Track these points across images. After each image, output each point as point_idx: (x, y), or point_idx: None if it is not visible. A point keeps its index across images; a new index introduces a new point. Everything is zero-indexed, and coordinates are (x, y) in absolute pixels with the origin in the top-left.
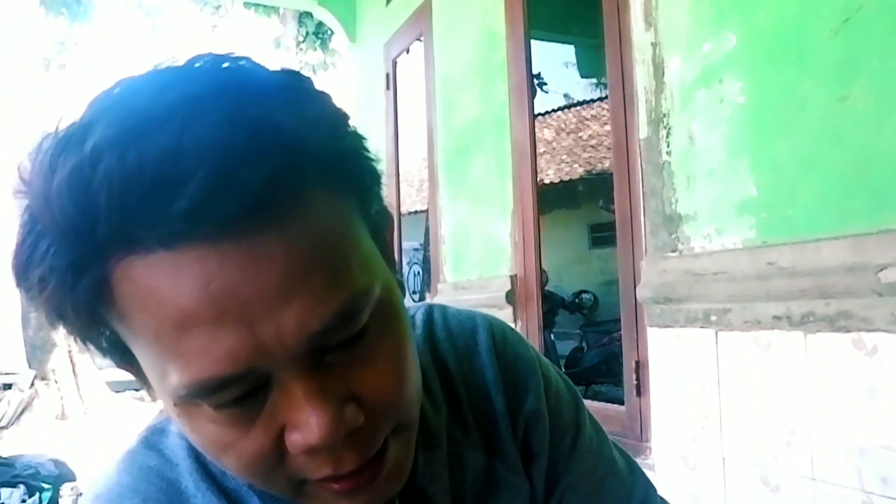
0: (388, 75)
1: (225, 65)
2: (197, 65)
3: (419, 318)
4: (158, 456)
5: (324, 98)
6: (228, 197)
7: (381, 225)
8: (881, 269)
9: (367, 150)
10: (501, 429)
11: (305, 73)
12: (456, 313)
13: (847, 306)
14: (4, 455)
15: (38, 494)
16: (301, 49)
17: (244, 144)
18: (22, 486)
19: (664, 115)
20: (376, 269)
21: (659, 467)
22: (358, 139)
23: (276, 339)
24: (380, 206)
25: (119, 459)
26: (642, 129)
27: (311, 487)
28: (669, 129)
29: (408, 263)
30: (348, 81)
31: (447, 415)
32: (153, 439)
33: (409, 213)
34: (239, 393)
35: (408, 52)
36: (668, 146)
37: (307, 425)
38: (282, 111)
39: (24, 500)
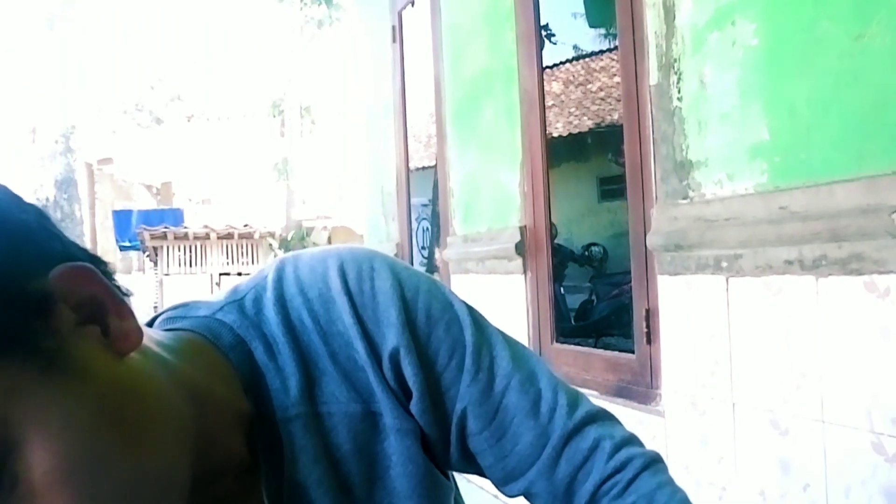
0: (394, 28)
1: None
2: None
3: (270, 278)
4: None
5: None
6: None
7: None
8: (895, 211)
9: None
10: (369, 375)
11: (309, 28)
12: (308, 260)
13: (860, 249)
14: None
15: None
16: (305, 3)
17: None
18: None
19: (675, 60)
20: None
21: (669, 414)
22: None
23: None
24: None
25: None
26: (653, 75)
27: None
28: (680, 74)
29: (416, 219)
30: (353, 36)
31: (302, 380)
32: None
33: (417, 169)
34: None
35: (413, 3)
36: (678, 92)
37: None
38: None
39: None
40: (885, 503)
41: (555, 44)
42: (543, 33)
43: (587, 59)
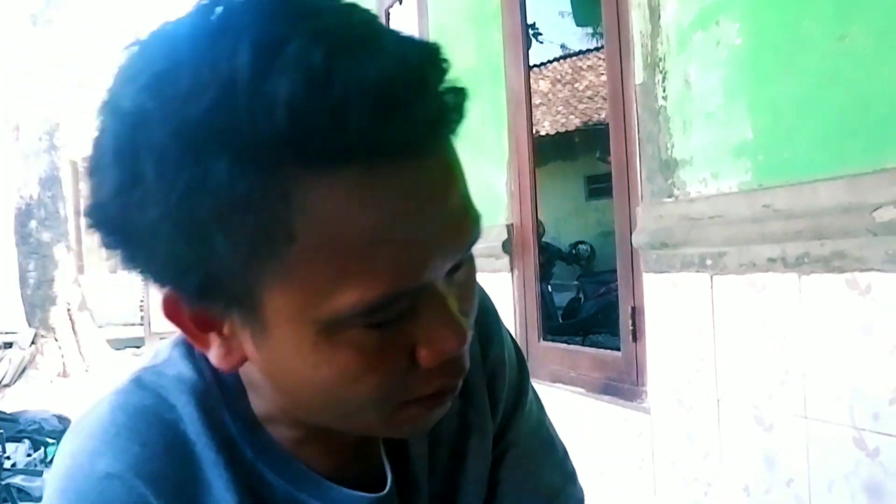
0: None
1: None
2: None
3: None
4: (154, 396)
5: None
6: (425, 119)
7: None
8: (876, 209)
9: None
10: (475, 375)
11: None
12: None
13: (842, 247)
14: (9, 411)
15: (42, 449)
16: None
17: (438, 70)
18: (27, 441)
19: (660, 60)
20: None
21: (655, 410)
22: None
23: (441, 257)
24: None
25: (109, 398)
26: (638, 75)
27: (405, 410)
28: (665, 73)
29: None
30: None
31: None
32: (148, 379)
33: None
34: (396, 312)
35: (401, 1)
36: (664, 91)
37: (446, 337)
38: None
39: (29, 455)
40: (867, 498)
41: (542, 42)
42: (531, 32)
43: (574, 58)
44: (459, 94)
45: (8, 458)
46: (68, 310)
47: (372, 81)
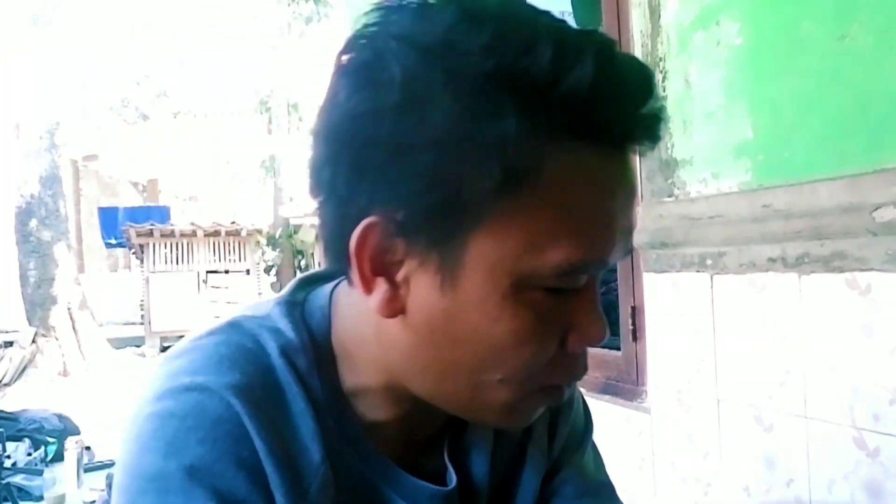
0: None
1: None
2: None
3: None
4: (252, 340)
5: None
6: (654, 120)
7: None
8: (876, 209)
9: None
10: (542, 415)
11: (297, 25)
12: None
13: (841, 246)
14: (9, 410)
15: (42, 448)
16: (293, 0)
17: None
18: (27, 440)
19: (660, 60)
20: None
21: (655, 410)
22: None
23: (618, 246)
24: None
25: (207, 334)
26: None
27: (532, 396)
28: (666, 73)
29: None
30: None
31: None
32: (247, 325)
33: None
34: (573, 284)
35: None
36: (664, 90)
37: (594, 325)
38: None
39: (29, 454)
40: (867, 498)
41: None
42: None
43: None
44: (664, 110)
45: (8, 457)
46: (69, 309)
47: (634, 84)
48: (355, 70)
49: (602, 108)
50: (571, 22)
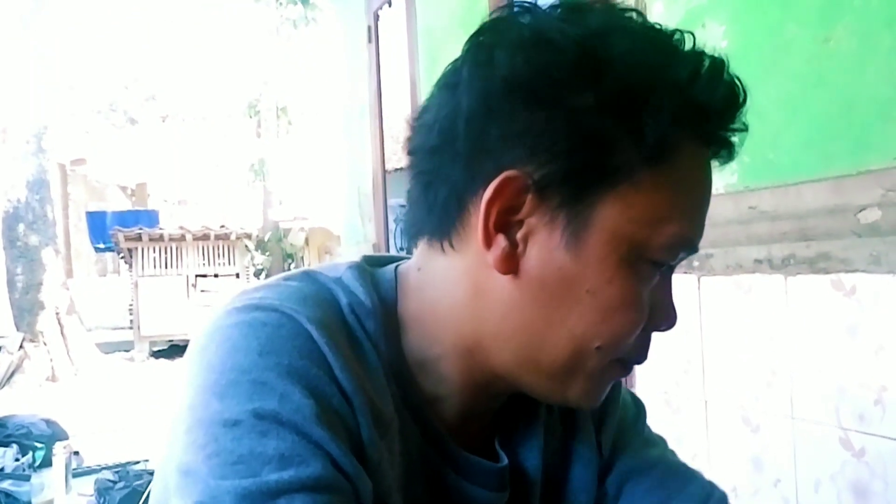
0: (369, 28)
1: None
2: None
3: None
4: (327, 291)
5: None
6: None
7: None
8: (861, 210)
9: None
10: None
11: (285, 28)
12: None
13: (827, 248)
14: None
15: (31, 453)
16: (281, 3)
17: None
18: (15, 446)
19: None
20: None
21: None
22: None
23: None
24: None
25: (283, 278)
26: None
27: (609, 366)
28: None
29: (394, 220)
30: (329, 36)
31: None
32: (322, 278)
33: (395, 170)
34: (676, 259)
35: (390, 3)
36: None
37: (672, 309)
38: None
39: (17, 459)
40: (853, 498)
41: None
42: None
43: None
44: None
45: None
46: (57, 314)
47: (738, 99)
48: (518, 38)
49: (720, 119)
50: None
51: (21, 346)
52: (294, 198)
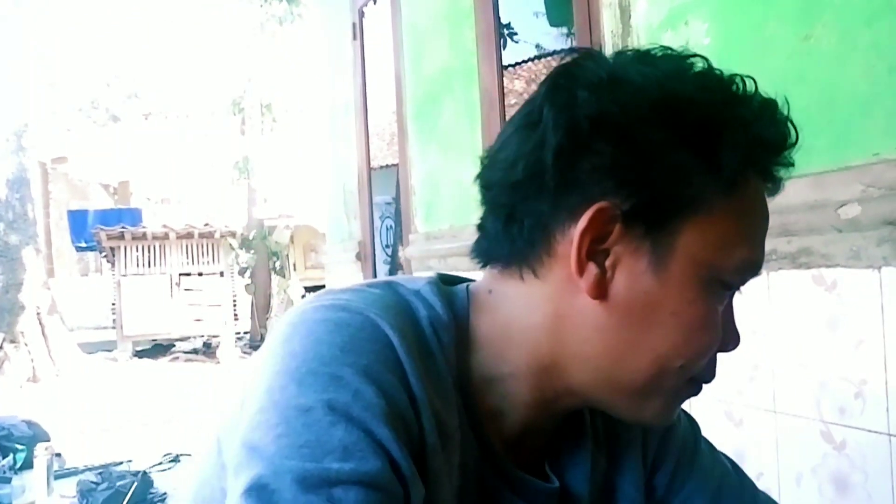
0: (354, 25)
1: None
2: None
3: None
4: (405, 303)
5: None
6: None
7: None
8: (841, 206)
9: None
10: (625, 437)
11: (270, 25)
12: None
13: (808, 243)
14: None
15: (11, 455)
16: (266, 0)
17: None
18: None
19: None
20: None
21: None
22: None
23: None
24: None
25: (367, 286)
26: None
27: (684, 385)
28: None
29: (380, 217)
30: (314, 32)
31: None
32: (401, 290)
33: (381, 167)
34: (744, 282)
35: (374, 0)
36: None
37: (736, 331)
38: None
39: None
40: (834, 490)
41: (518, 42)
42: (506, 32)
43: (549, 58)
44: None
45: None
46: (38, 314)
47: (793, 137)
48: (597, 79)
49: (778, 154)
50: (546, 23)
51: (1, 347)
52: (279, 195)
